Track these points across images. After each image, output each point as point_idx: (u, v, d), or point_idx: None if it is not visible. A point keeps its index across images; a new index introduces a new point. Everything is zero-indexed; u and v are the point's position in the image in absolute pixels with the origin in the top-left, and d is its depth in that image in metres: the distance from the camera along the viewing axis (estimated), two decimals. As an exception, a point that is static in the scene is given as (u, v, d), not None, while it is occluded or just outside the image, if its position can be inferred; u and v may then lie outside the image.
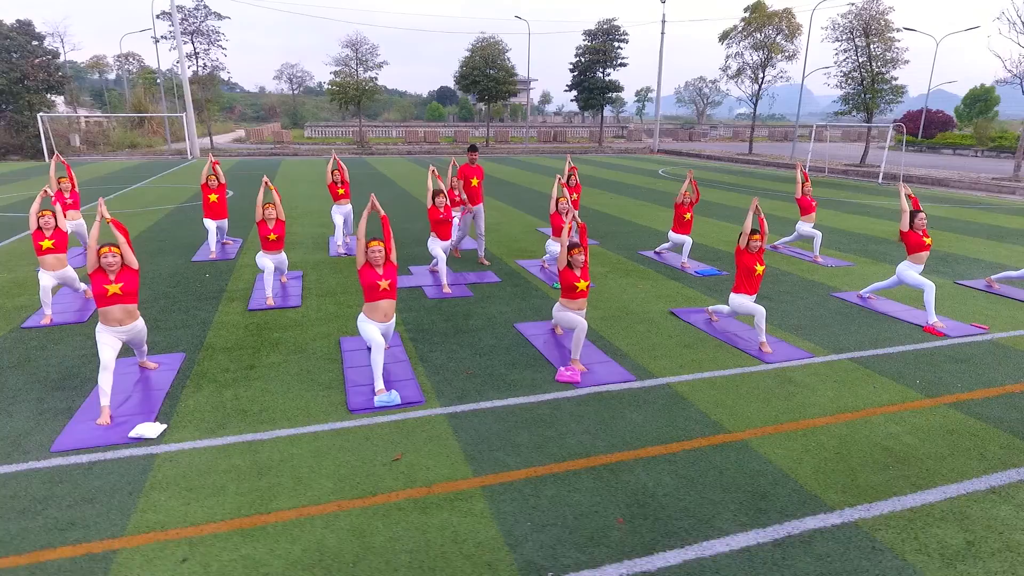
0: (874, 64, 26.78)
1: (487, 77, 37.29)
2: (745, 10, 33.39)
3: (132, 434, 4.34)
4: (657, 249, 10.44)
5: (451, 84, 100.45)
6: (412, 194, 17.88)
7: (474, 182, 9.51)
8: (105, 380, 4.61)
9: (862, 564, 3.22)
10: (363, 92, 35.24)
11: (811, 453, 4.29)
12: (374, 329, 5.20)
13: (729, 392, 5.23)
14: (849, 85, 27.94)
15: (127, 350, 5.69)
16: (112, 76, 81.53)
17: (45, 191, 7.02)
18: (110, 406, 4.62)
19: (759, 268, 6.26)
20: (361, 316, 5.31)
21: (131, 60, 56.51)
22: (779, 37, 32.40)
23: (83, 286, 7.37)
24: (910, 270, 7.24)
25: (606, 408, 4.91)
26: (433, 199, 8.26)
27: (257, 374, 5.44)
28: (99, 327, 4.84)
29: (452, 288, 8.11)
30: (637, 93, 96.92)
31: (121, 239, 4.89)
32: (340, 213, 10.37)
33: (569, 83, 41.69)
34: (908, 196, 7.30)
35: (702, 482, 3.94)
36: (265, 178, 7.72)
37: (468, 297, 7.84)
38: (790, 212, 15.29)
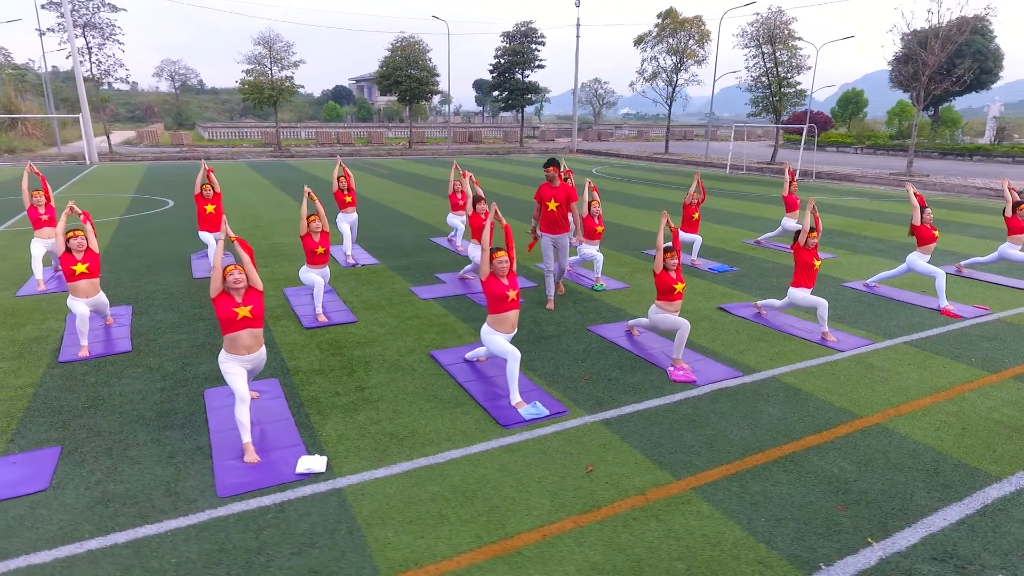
0: (780, 69, 29.10)
1: (409, 77, 36.66)
2: (658, 16, 35.12)
3: (300, 469, 4.03)
4: (660, 248, 10.85)
5: (346, 83, 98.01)
6: (376, 200, 17.35)
7: (551, 206, 7.51)
8: (244, 414, 4.24)
9: (1061, 524, 3.65)
10: (280, 92, 33.52)
11: (942, 430, 4.74)
12: (503, 340, 5.12)
13: (830, 380, 5.62)
14: (758, 89, 30.19)
15: (214, 376, 5.25)
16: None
17: (71, 207, 6.23)
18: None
19: (816, 263, 6.75)
20: (486, 328, 5.21)
21: (-8, 54, 50.16)
22: (691, 42, 34.37)
23: (107, 312, 6.62)
24: (920, 260, 8.06)
25: (739, 404, 5.13)
26: (474, 206, 8.15)
27: (374, 396, 5.18)
28: (224, 356, 4.44)
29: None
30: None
31: (246, 258, 4.52)
32: (346, 222, 9.94)
33: (490, 83, 41.93)
34: (915, 194, 8.12)
35: (876, 465, 4.25)
36: (307, 189, 7.28)
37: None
38: (760, 211, 16.36)
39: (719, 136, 60.59)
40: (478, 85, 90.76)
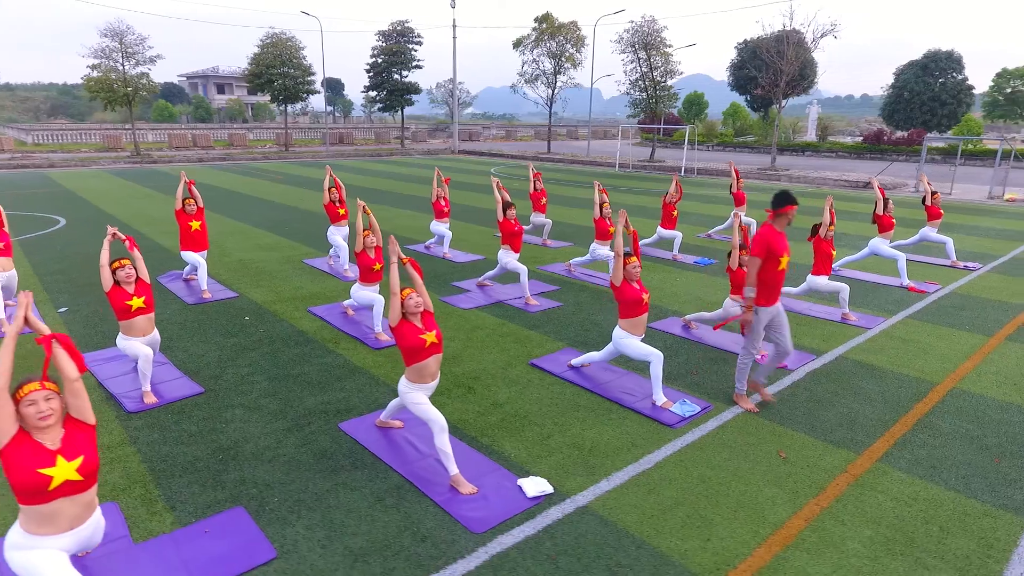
0: (655, 74, 31.45)
1: (284, 76, 34.44)
2: (535, 20, 36.23)
3: (532, 494, 3.92)
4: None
5: (176, 80, 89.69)
6: (306, 210, 16.26)
7: (783, 263, 4.96)
8: (447, 443, 4.03)
9: None
10: (136, 91, 29.88)
11: (1003, 387, 5.67)
12: (641, 343, 5.27)
13: (884, 354, 6.43)
14: (635, 91, 32.38)
15: (330, 408, 4.85)
16: None
17: (115, 233, 5.30)
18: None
19: (833, 252, 7.62)
20: (621, 332, 5.32)
21: None
22: (568, 47, 35.88)
23: (157, 349, 5.74)
24: (883, 244, 9.35)
25: (839, 382, 5.72)
26: (504, 212, 8.09)
27: (520, 411, 5.08)
28: (408, 386, 4.17)
29: (535, 299, 8.06)
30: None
31: (419, 282, 4.25)
32: (340, 235, 9.34)
33: (367, 84, 40.66)
34: (879, 188, 9.40)
35: (986, 421, 5.01)
36: (361, 203, 6.78)
37: (559, 307, 7.91)
38: (686, 206, 17.56)
39: (579, 135, 64.38)
40: (328, 84, 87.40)
